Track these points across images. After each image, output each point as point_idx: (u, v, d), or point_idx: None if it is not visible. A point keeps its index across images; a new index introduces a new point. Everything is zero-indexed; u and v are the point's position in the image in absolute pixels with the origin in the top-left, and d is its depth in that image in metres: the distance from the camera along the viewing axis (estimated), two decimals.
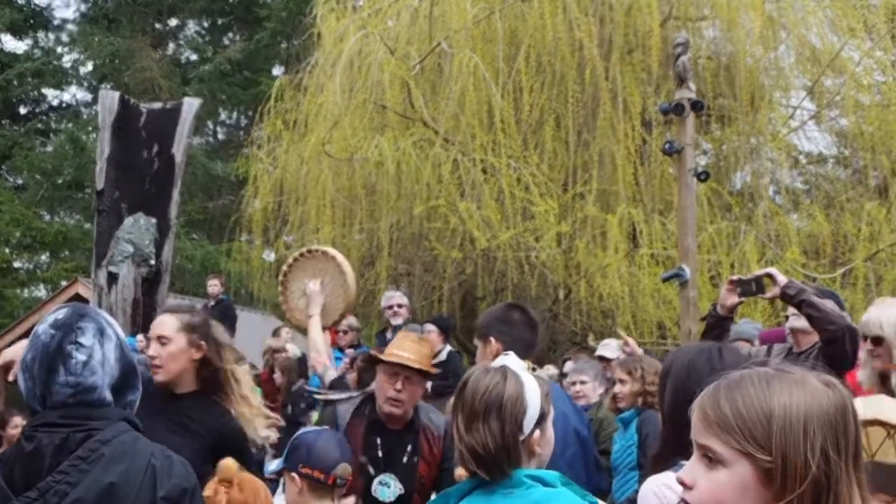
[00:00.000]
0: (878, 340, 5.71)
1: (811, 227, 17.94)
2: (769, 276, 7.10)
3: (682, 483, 2.25)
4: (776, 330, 9.72)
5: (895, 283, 15.98)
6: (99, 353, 3.55)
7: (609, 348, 11.46)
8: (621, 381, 8.73)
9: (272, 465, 5.51)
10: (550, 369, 11.90)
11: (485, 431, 3.49)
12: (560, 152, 18.10)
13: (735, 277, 7.31)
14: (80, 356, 3.53)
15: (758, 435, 2.12)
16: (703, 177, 12.81)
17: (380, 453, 6.47)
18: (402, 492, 6.34)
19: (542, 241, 16.75)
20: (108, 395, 3.56)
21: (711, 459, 2.19)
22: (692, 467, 2.24)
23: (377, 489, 6.34)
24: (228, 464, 4.88)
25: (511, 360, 3.70)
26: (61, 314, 3.64)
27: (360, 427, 6.51)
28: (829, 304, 6.72)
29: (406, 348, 6.54)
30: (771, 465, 2.10)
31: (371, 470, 6.39)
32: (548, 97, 17.80)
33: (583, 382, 9.66)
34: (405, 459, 6.45)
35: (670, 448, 4.21)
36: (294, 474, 4.96)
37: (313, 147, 19.17)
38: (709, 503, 2.18)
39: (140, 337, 13.70)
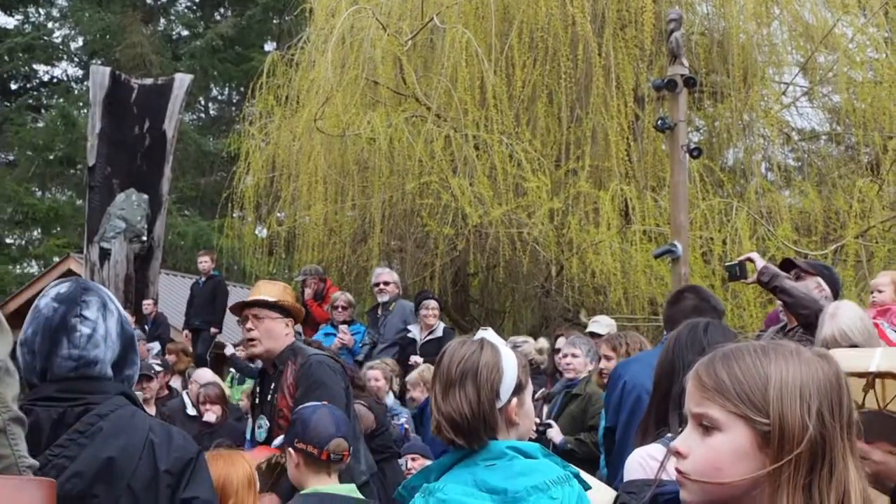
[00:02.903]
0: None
1: (803, 203, 17.96)
2: (750, 260, 7.14)
3: (676, 453, 2.25)
4: (775, 313, 9.75)
5: (886, 260, 16.00)
6: (102, 328, 3.56)
7: (600, 324, 11.47)
8: (606, 357, 8.76)
9: (276, 441, 5.56)
10: (543, 342, 11.92)
11: (461, 398, 3.52)
12: (552, 128, 18.09)
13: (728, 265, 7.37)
14: (85, 329, 3.53)
15: (755, 398, 2.14)
16: (695, 153, 12.84)
17: (257, 399, 6.89)
18: (269, 427, 6.56)
19: (534, 218, 16.74)
20: (109, 370, 3.56)
21: (707, 428, 2.19)
22: (687, 437, 2.24)
23: (257, 432, 6.65)
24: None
25: (489, 333, 3.73)
26: (64, 288, 3.64)
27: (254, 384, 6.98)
28: (802, 289, 6.75)
29: (251, 294, 6.95)
30: (768, 429, 2.11)
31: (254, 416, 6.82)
32: (540, 73, 17.76)
33: (574, 356, 9.66)
34: (269, 398, 6.69)
35: (656, 420, 4.24)
36: (291, 449, 4.99)
37: (305, 123, 19.13)
38: (705, 470, 2.18)
39: (127, 314, 13.75)
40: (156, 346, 15.90)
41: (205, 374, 12.33)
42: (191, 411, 11.57)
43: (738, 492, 2.16)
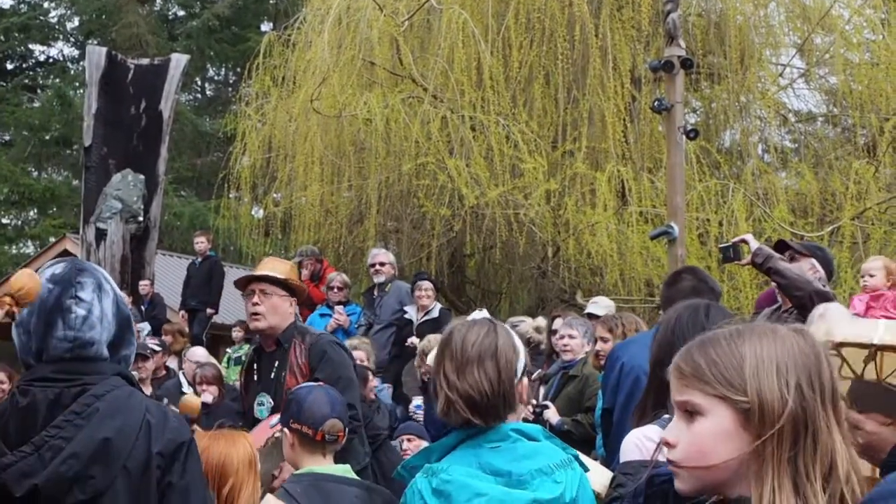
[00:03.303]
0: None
1: (799, 185, 17.97)
2: (745, 241, 7.15)
3: (666, 444, 2.29)
4: (769, 291, 9.75)
5: (882, 242, 16.01)
6: (98, 309, 3.55)
7: (598, 306, 11.46)
8: (602, 339, 8.76)
9: (273, 420, 5.57)
10: (540, 320, 11.92)
11: (480, 375, 3.54)
12: (549, 109, 18.08)
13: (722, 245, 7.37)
14: (80, 311, 3.53)
15: (732, 379, 2.17)
16: (692, 135, 12.82)
17: (255, 376, 6.92)
18: (272, 405, 6.59)
19: (530, 199, 16.73)
20: (106, 351, 3.56)
21: (691, 414, 2.23)
22: (674, 427, 2.28)
23: (256, 409, 6.69)
24: (189, 400, 4.93)
25: (485, 314, 3.75)
26: (59, 269, 3.63)
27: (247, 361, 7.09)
28: (796, 271, 6.75)
29: (259, 268, 7.01)
30: (748, 406, 2.14)
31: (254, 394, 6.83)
32: (537, 54, 17.75)
33: (571, 337, 9.65)
34: (272, 375, 6.74)
35: (653, 401, 4.25)
36: (286, 429, 5.01)
37: (302, 104, 19.11)
38: (693, 456, 2.21)
39: (124, 294, 13.75)
40: (146, 327, 15.90)
41: (199, 353, 12.32)
42: (186, 390, 11.58)
43: (728, 473, 2.19)
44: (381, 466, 8.01)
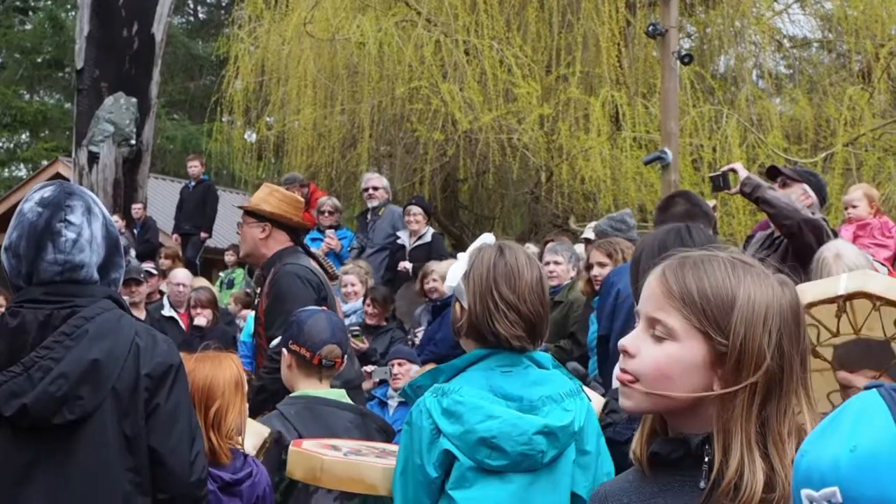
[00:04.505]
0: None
1: (793, 111, 17.93)
2: (734, 170, 7.14)
3: (624, 351, 2.21)
4: (764, 222, 9.78)
5: (875, 168, 16.03)
6: (87, 232, 3.56)
7: (594, 231, 11.41)
8: (600, 264, 8.72)
9: (274, 342, 5.59)
10: (531, 247, 11.92)
11: (539, 299, 3.61)
12: (543, 34, 17.97)
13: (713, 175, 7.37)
14: (70, 234, 3.54)
15: (720, 318, 2.11)
16: (686, 60, 12.79)
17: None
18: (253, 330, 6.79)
19: (524, 124, 16.70)
20: (96, 274, 3.58)
21: (660, 333, 2.15)
22: (636, 337, 2.19)
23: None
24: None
25: (492, 238, 3.75)
26: (48, 192, 3.63)
27: None
28: (784, 199, 6.74)
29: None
30: (725, 349, 2.09)
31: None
32: None
33: (556, 263, 9.65)
34: (255, 301, 7.12)
35: None
36: (284, 350, 5.03)
37: (294, 27, 18.99)
38: (652, 374, 2.14)
39: (117, 218, 13.74)
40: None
41: (181, 275, 12.30)
42: (167, 312, 11.57)
43: (681, 405, 2.14)
44: None
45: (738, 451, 2.07)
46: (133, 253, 15.31)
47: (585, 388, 4.19)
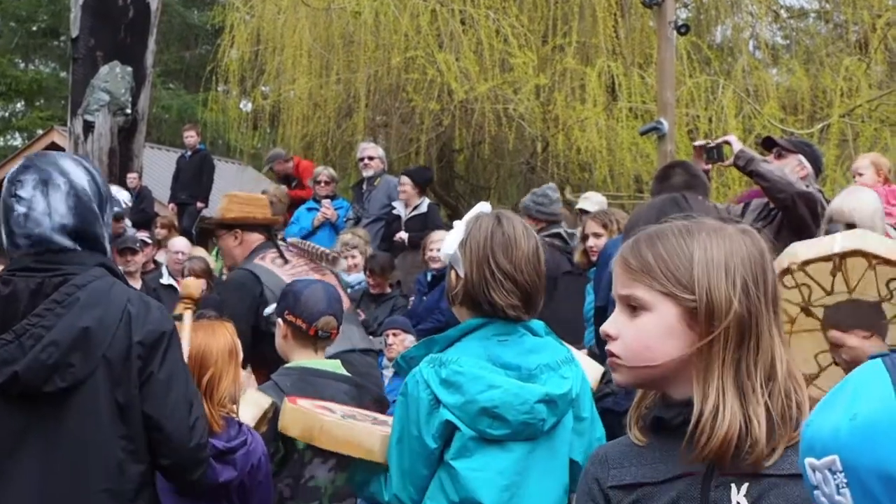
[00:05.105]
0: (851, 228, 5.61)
1: (790, 82, 17.93)
2: (728, 143, 7.14)
3: (606, 335, 2.27)
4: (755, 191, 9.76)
5: (872, 139, 16.02)
6: (41, 204, 3.52)
7: (590, 201, 11.43)
8: (596, 235, 8.72)
9: (267, 310, 5.59)
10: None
11: (537, 269, 3.59)
12: (540, 4, 17.93)
13: (700, 143, 7.35)
14: (20, 209, 3.53)
15: (680, 276, 2.17)
16: (682, 30, 12.75)
17: None
18: None
19: (520, 94, 16.69)
20: (67, 242, 3.54)
21: (635, 308, 2.22)
22: (615, 320, 2.27)
23: None
24: (191, 282, 4.95)
25: (486, 206, 3.75)
26: (14, 167, 3.65)
27: None
28: (777, 172, 6.74)
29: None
30: (694, 304, 2.14)
31: None
32: None
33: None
34: None
35: None
36: (280, 320, 5.02)
37: None
38: (636, 349, 2.21)
39: (116, 188, 13.75)
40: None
41: (180, 243, 12.31)
42: (165, 280, 11.60)
43: (669, 371, 2.20)
44: None
45: (714, 395, 2.12)
46: (129, 222, 15.31)
47: (583, 357, 4.20)
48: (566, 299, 8.47)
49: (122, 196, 14.33)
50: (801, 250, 4.21)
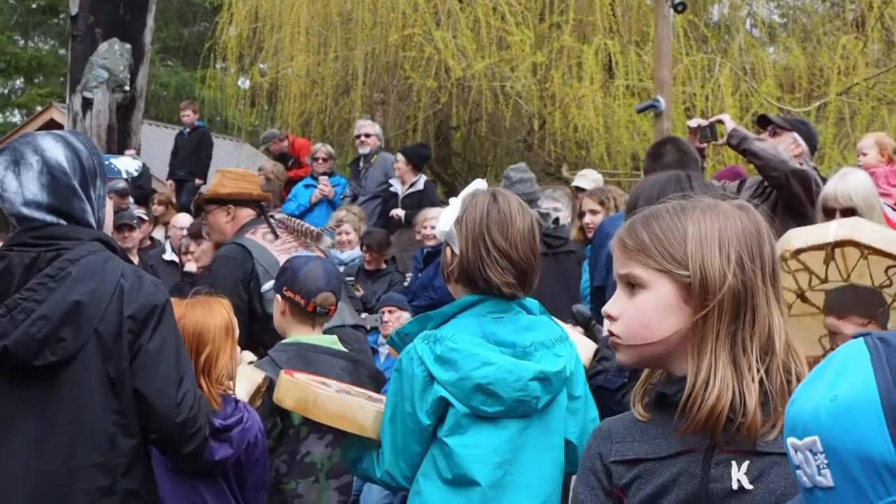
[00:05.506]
0: (848, 212, 5.58)
1: (787, 60, 17.91)
2: (721, 122, 7.15)
3: (608, 316, 2.31)
4: (730, 169, 9.80)
5: (868, 118, 16.03)
6: (13, 184, 3.54)
7: (586, 179, 11.45)
8: (592, 212, 8.72)
9: (265, 286, 5.60)
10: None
11: (532, 245, 3.62)
12: None
13: (694, 123, 7.36)
14: None
15: (675, 253, 2.21)
16: (679, 8, 12.75)
17: None
18: None
19: (517, 71, 16.68)
20: (48, 217, 3.56)
21: (633, 287, 2.27)
22: (616, 301, 2.31)
23: None
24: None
25: (482, 183, 3.78)
26: None
27: None
28: (771, 151, 6.75)
29: None
30: (689, 279, 2.18)
31: None
32: None
33: (556, 210, 9.71)
34: None
35: None
36: (278, 296, 5.03)
37: None
38: (635, 328, 2.25)
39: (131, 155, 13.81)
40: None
41: (184, 220, 12.34)
42: (168, 257, 11.62)
43: (668, 348, 2.23)
44: None
45: (706, 367, 2.16)
46: (131, 200, 15.36)
47: (576, 335, 4.24)
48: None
49: (132, 165, 14.30)
50: (794, 238, 4.23)
